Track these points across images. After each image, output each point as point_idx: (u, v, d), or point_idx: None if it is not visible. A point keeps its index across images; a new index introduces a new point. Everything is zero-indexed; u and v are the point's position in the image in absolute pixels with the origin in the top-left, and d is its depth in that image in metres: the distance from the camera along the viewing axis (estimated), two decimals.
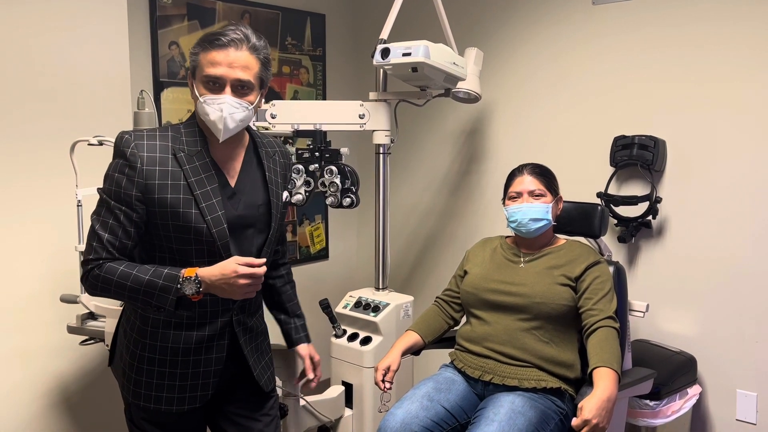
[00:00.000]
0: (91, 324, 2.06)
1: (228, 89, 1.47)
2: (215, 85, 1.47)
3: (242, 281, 1.42)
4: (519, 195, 1.97)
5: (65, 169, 2.03)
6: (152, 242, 1.51)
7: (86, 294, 2.00)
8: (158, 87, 2.73)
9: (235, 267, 1.42)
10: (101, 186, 1.49)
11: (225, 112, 1.46)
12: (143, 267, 1.46)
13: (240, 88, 1.48)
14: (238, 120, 1.49)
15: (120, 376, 1.63)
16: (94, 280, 1.46)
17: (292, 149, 2.48)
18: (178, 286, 1.42)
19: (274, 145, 1.70)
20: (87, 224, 1.99)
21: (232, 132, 1.50)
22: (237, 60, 1.46)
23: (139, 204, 1.46)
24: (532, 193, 1.95)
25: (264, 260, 1.46)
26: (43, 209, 2.13)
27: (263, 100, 1.60)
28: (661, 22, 2.43)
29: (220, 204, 1.50)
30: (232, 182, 1.55)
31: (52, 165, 2.12)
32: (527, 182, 1.97)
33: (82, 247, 1.99)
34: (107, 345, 1.98)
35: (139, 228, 1.48)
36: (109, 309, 1.96)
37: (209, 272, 1.44)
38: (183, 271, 1.44)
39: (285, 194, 1.67)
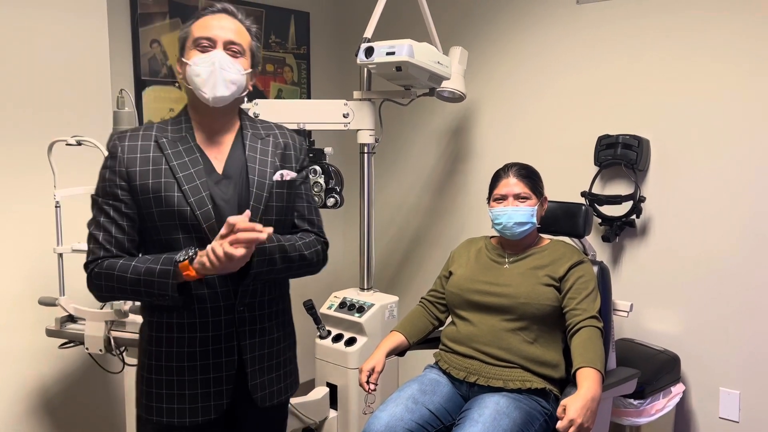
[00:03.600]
0: (71, 327, 2.03)
1: (220, 47, 1.42)
2: (207, 45, 1.42)
3: (227, 241, 1.28)
4: (504, 198, 1.96)
5: (43, 170, 1.99)
6: (143, 237, 1.46)
7: (65, 297, 1.97)
8: (140, 85, 2.70)
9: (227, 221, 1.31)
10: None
11: (216, 65, 1.39)
12: (143, 257, 1.40)
13: (232, 49, 1.43)
14: (230, 81, 1.41)
15: (136, 392, 1.54)
16: (96, 281, 1.40)
17: None
18: (175, 263, 1.32)
19: (273, 128, 1.59)
20: (65, 225, 1.97)
21: (223, 92, 1.41)
22: (230, 25, 1.44)
23: (126, 194, 1.41)
24: (517, 197, 1.95)
25: (248, 213, 1.32)
26: (20, 210, 2.09)
27: (253, 81, 1.52)
28: (645, 22, 2.44)
29: (204, 185, 1.43)
30: (220, 167, 1.47)
31: (30, 165, 2.08)
32: (512, 185, 1.96)
33: (61, 249, 1.96)
34: (87, 348, 1.95)
35: (133, 221, 1.42)
36: (88, 312, 1.93)
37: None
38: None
39: (282, 173, 1.52)
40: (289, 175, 1.54)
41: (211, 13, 1.45)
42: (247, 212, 1.33)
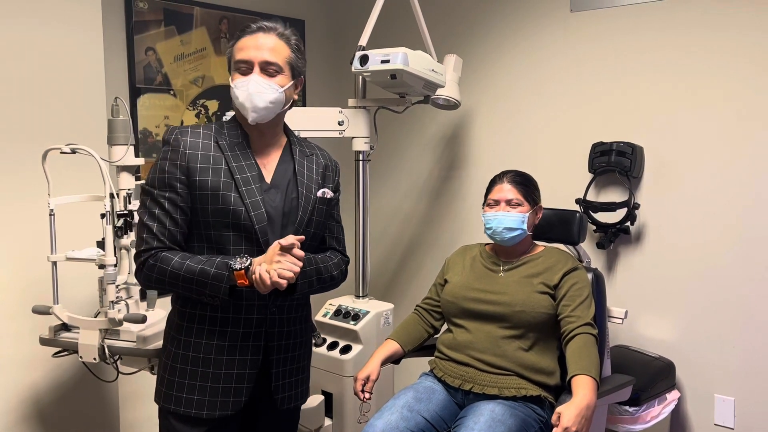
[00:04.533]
0: (65, 335, 2.01)
1: (257, 69, 1.51)
2: (245, 68, 1.51)
3: (279, 257, 1.41)
4: (497, 203, 1.97)
5: (37, 178, 1.99)
6: (190, 231, 1.52)
7: (59, 306, 1.96)
8: (134, 93, 2.69)
9: (276, 242, 1.44)
10: (143, 182, 1.52)
11: (251, 89, 1.49)
12: (196, 257, 1.47)
13: (268, 70, 1.52)
14: (267, 101, 1.50)
15: (157, 381, 1.59)
16: (148, 272, 1.47)
17: None
18: (230, 269, 1.41)
19: (315, 148, 1.71)
20: (59, 233, 1.96)
21: (262, 113, 1.51)
22: (265, 43, 1.51)
23: (183, 187, 1.48)
24: (509, 202, 1.96)
25: (302, 237, 1.45)
26: (14, 218, 2.08)
27: (298, 90, 1.62)
28: (638, 30, 2.45)
29: (258, 190, 1.52)
30: (268, 178, 1.57)
31: (24, 173, 2.07)
32: (506, 191, 1.97)
33: (55, 257, 1.95)
34: (81, 357, 1.94)
35: (185, 214, 1.49)
36: (82, 320, 1.92)
37: (259, 257, 1.45)
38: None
39: (324, 191, 1.65)
40: (329, 194, 1.66)
41: (249, 33, 1.52)
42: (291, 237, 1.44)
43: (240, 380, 1.53)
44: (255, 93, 1.49)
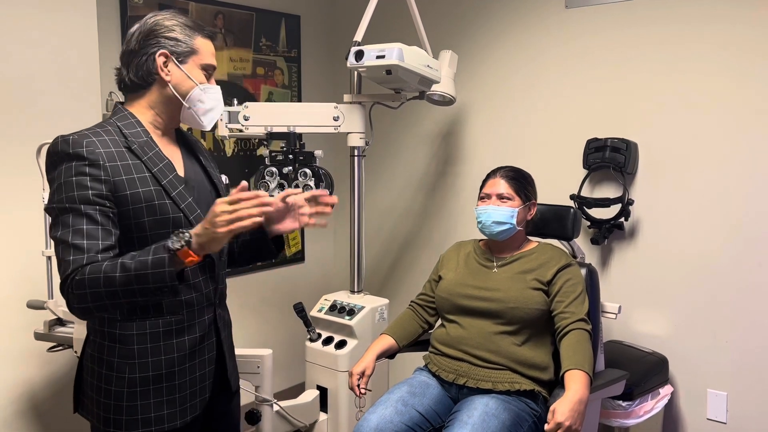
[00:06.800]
0: (60, 330, 2.02)
1: (213, 80, 1.51)
2: (209, 75, 1.49)
3: (228, 208, 1.26)
4: (488, 197, 1.99)
5: (31, 172, 1.98)
6: (120, 251, 1.35)
7: (54, 300, 1.96)
8: None
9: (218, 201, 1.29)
10: (50, 203, 1.32)
11: (219, 98, 1.50)
12: (126, 255, 1.29)
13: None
14: (222, 109, 1.57)
15: (100, 413, 1.44)
16: (79, 289, 1.26)
17: (265, 152, 2.46)
18: (170, 249, 1.25)
19: (193, 135, 1.67)
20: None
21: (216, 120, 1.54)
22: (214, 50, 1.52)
23: (112, 204, 1.33)
24: (500, 197, 1.97)
25: (245, 183, 1.31)
26: (8, 213, 2.08)
27: None
28: (633, 26, 2.46)
29: (187, 191, 1.45)
30: (181, 172, 1.49)
31: (18, 168, 2.07)
32: (498, 185, 1.98)
33: (50, 251, 1.95)
34: (76, 351, 1.94)
35: (118, 230, 1.34)
36: None
37: (195, 228, 1.31)
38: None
39: (223, 177, 1.63)
40: (225, 179, 1.66)
41: (210, 37, 1.49)
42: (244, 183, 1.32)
43: (203, 380, 1.51)
44: (221, 105, 1.51)
